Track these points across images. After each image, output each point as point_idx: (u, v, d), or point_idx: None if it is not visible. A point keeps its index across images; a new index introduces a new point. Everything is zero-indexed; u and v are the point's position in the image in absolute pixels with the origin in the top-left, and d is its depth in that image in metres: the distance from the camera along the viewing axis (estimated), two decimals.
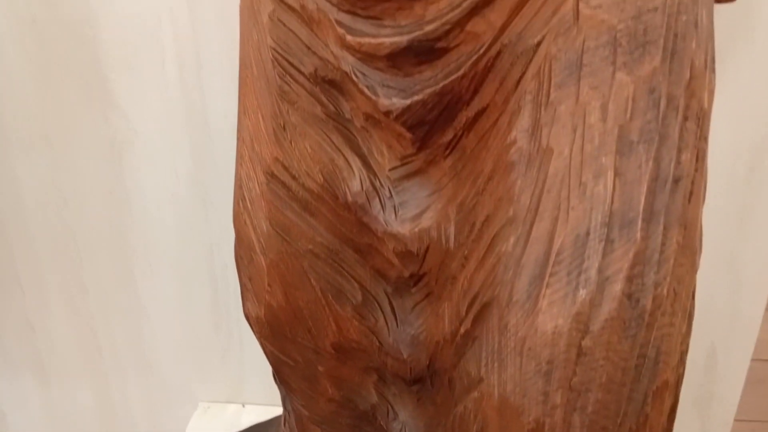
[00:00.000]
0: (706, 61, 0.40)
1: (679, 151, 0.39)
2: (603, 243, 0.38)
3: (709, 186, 0.45)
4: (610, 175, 0.38)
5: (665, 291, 0.39)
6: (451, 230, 0.51)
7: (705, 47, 0.40)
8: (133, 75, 0.95)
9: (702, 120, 0.40)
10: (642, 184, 0.38)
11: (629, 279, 0.38)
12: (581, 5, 0.41)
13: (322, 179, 0.57)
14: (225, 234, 1.02)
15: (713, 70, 0.41)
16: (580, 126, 0.40)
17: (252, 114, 0.59)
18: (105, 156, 1.00)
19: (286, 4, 0.55)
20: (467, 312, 0.48)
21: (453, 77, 0.45)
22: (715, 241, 0.91)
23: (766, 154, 0.88)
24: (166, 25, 0.93)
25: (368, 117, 0.53)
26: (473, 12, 0.43)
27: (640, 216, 0.38)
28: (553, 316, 0.39)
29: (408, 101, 0.48)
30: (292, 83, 0.56)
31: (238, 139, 0.62)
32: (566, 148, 0.40)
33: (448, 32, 0.44)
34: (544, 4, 0.42)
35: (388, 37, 0.46)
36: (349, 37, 0.48)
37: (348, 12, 0.49)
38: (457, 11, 0.43)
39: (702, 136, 0.40)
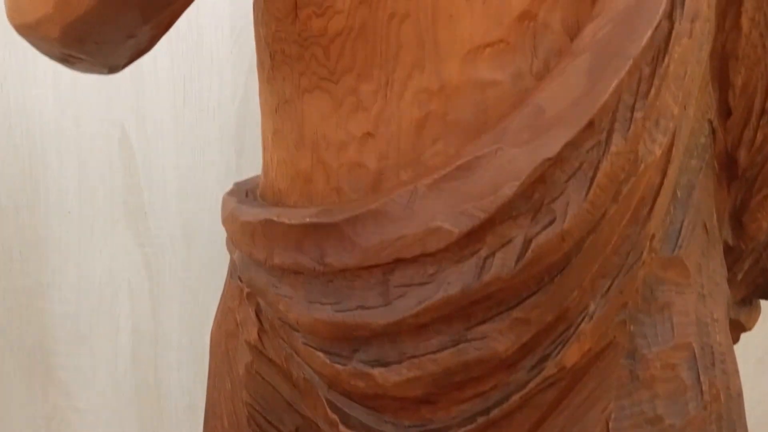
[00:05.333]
0: None
1: None
2: None
3: None
4: None
5: None
6: None
7: None
8: (82, 349, 0.88)
9: None
10: None
11: None
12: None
13: None
14: None
15: None
16: None
17: None
18: None
19: (266, 356, 0.49)
20: None
21: None
22: None
23: None
24: (124, 297, 0.87)
25: None
26: (488, 427, 0.38)
27: None
28: None
29: None
30: None
31: None
32: None
33: None
34: (570, 419, 0.38)
35: None
36: (343, 427, 0.43)
37: (342, 394, 0.44)
38: (469, 426, 0.38)
39: None
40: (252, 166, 0.84)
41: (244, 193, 0.52)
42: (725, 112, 0.42)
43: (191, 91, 0.83)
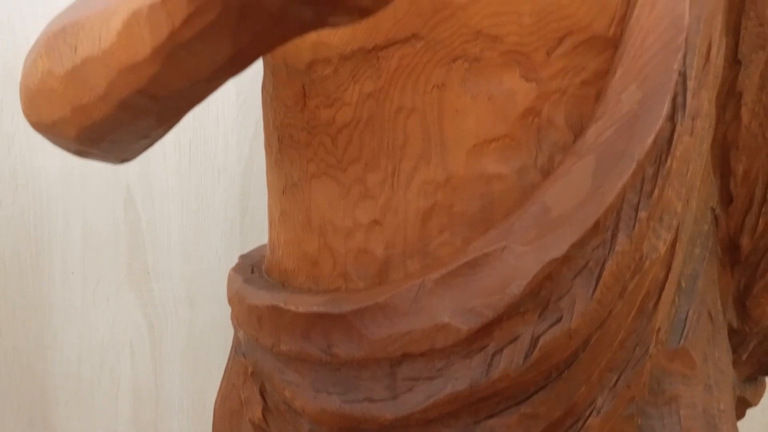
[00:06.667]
0: None
1: None
2: None
3: None
4: None
5: None
6: None
7: None
8: (83, 411, 0.87)
9: None
10: None
11: None
12: None
13: None
14: None
15: None
16: None
17: None
18: None
19: None
20: None
21: None
22: None
23: None
24: (125, 359, 0.86)
25: None
26: None
27: None
28: None
29: None
30: None
31: None
32: None
33: None
34: None
35: None
36: None
37: None
38: None
39: None
40: (256, 230, 0.84)
41: (249, 269, 0.52)
42: (727, 198, 0.43)
43: (197, 155, 0.84)
